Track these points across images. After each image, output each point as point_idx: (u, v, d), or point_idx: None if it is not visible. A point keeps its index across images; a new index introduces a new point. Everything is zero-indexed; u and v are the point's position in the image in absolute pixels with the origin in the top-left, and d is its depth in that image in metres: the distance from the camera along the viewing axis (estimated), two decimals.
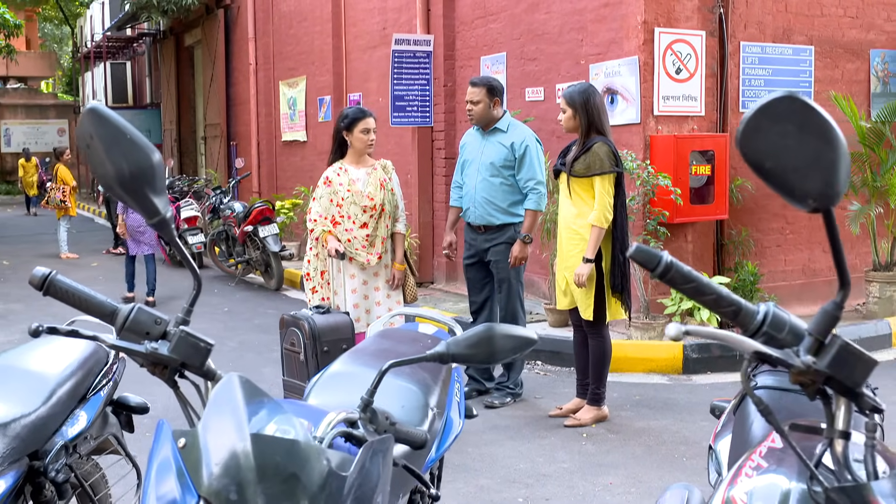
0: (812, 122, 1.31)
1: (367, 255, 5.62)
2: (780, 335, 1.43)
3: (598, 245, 5.27)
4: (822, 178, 1.33)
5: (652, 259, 1.49)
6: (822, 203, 1.36)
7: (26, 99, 32.04)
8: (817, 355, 1.40)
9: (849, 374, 1.39)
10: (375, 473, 1.66)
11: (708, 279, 1.51)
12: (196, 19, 19.01)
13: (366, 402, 1.92)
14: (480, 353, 1.94)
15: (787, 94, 1.31)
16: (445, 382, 2.82)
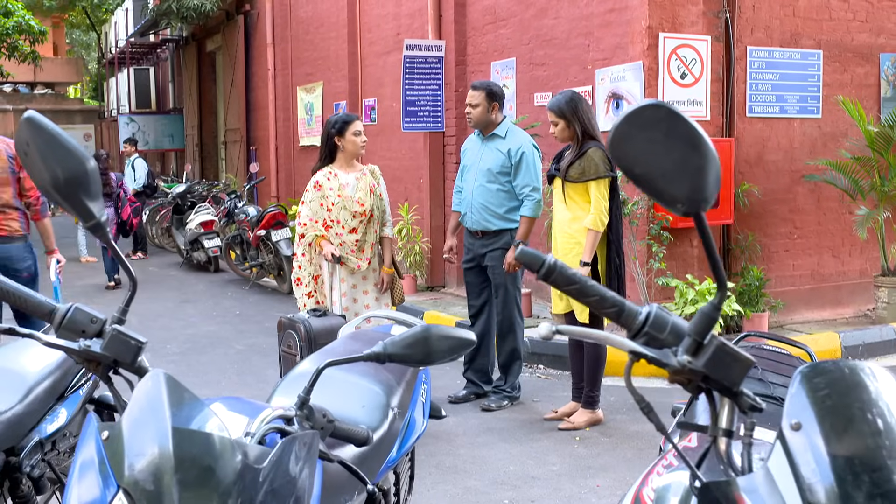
0: (678, 129, 1.35)
1: (358, 261, 5.70)
2: (661, 335, 1.47)
3: (594, 249, 5.31)
4: (689, 184, 1.37)
5: (535, 261, 1.54)
6: (691, 207, 1.39)
7: (53, 104, 32.43)
8: (696, 355, 1.43)
9: (725, 374, 1.43)
10: (295, 467, 1.71)
11: (592, 282, 1.55)
12: (217, 25, 19.21)
13: (302, 399, 1.98)
14: (417, 354, 1.98)
15: (653, 103, 1.35)
16: (410, 384, 2.87)
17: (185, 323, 9.28)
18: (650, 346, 1.47)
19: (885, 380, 1.40)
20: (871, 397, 1.35)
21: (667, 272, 7.47)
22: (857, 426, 1.31)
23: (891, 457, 1.26)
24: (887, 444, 1.28)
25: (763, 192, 8.28)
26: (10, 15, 19.31)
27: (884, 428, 1.30)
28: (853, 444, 1.28)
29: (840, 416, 1.32)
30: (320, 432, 2.01)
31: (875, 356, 7.27)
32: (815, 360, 2.70)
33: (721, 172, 1.39)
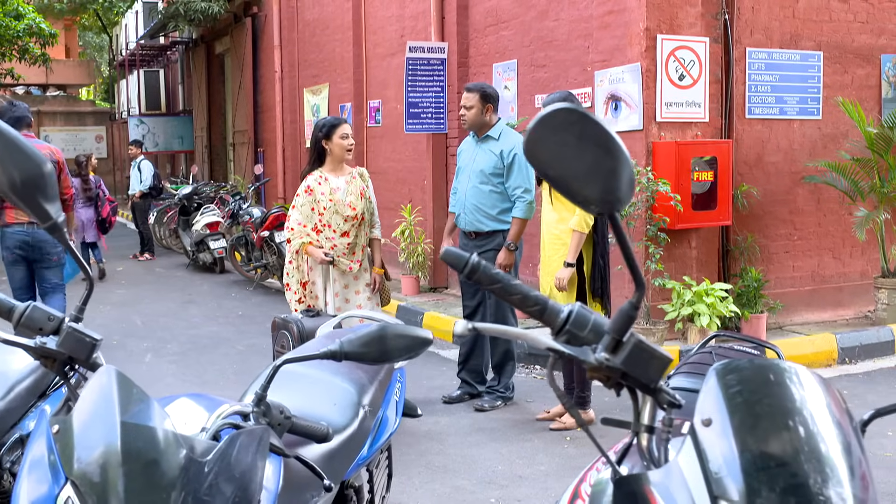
0: (591, 132, 1.38)
1: (350, 263, 5.75)
2: (582, 333, 1.50)
3: (578, 249, 5.34)
4: (602, 185, 1.40)
5: (459, 261, 1.57)
6: (604, 208, 1.42)
7: (65, 106, 32.62)
8: (614, 353, 1.46)
9: (643, 371, 1.46)
10: (243, 461, 1.75)
11: (515, 281, 1.58)
12: (225, 28, 19.31)
13: (259, 396, 2.02)
14: (373, 352, 2.02)
15: (565, 107, 1.38)
16: (383, 382, 2.91)
17: (187, 323, 9.35)
18: (571, 343, 1.51)
19: (805, 379, 1.43)
20: (783, 395, 1.38)
21: (664, 273, 7.48)
22: (765, 422, 1.33)
23: (797, 452, 1.29)
24: (794, 440, 1.31)
25: (763, 194, 8.28)
26: (20, 18, 19.44)
27: (792, 425, 1.33)
28: (761, 439, 1.31)
29: (750, 412, 1.35)
30: (277, 428, 2.05)
31: (872, 357, 7.27)
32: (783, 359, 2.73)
33: (630, 174, 1.41)
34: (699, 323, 7.12)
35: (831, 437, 1.33)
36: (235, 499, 1.69)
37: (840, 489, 1.26)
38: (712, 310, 7.11)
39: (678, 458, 1.35)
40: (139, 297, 11.23)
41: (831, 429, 1.35)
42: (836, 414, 1.39)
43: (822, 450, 1.30)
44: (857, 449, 1.37)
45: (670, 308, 7.31)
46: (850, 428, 1.40)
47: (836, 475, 1.28)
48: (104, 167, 31.85)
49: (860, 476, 1.31)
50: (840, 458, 1.31)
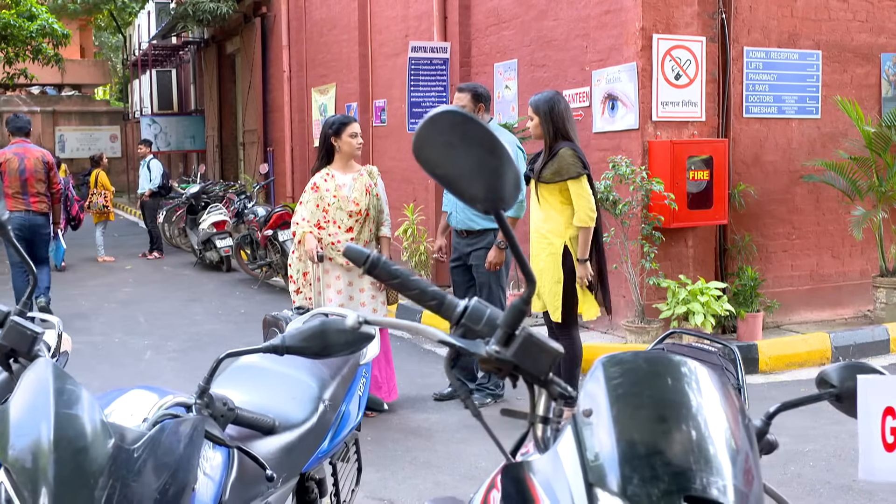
0: (474, 133, 1.43)
1: None
2: (477, 327, 1.55)
3: (588, 244, 5.39)
4: (486, 184, 1.45)
5: (360, 256, 1.64)
6: (490, 206, 1.47)
7: (80, 106, 32.89)
8: (506, 346, 1.51)
9: (533, 364, 1.50)
10: (174, 449, 1.81)
11: (414, 276, 1.64)
12: (236, 28, 19.44)
13: (202, 388, 2.08)
14: (314, 346, 2.08)
15: (449, 109, 1.43)
16: (346, 378, 2.96)
17: (189, 321, 9.44)
18: (468, 336, 1.56)
19: (694, 374, 1.47)
20: (665, 388, 1.42)
21: (659, 272, 7.51)
22: (644, 413, 1.38)
23: (675, 442, 1.33)
24: (673, 431, 1.35)
25: (761, 193, 8.29)
26: (34, 18, 19.63)
27: (672, 416, 1.37)
28: (638, 429, 1.35)
29: (629, 403, 1.40)
30: (220, 420, 2.11)
31: (867, 356, 7.26)
32: (738, 357, 2.77)
33: (515, 174, 1.46)
34: (693, 322, 7.14)
35: (716, 431, 1.37)
36: (166, 485, 1.76)
37: (720, 480, 1.30)
38: (706, 308, 7.13)
39: (557, 446, 1.40)
40: (145, 295, 11.34)
41: (717, 422, 1.39)
42: (724, 409, 1.43)
43: (703, 441, 1.34)
44: (745, 444, 1.41)
45: (665, 307, 7.33)
46: (739, 423, 1.44)
47: (717, 466, 1.32)
48: (118, 166, 32.11)
49: (744, 469, 1.35)
50: (723, 450, 1.35)
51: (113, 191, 15.03)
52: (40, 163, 9.15)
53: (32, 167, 9.09)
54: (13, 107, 31.52)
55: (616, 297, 7.99)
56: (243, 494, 2.30)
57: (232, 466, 2.27)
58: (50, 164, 9.23)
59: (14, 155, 9.07)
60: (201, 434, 1.95)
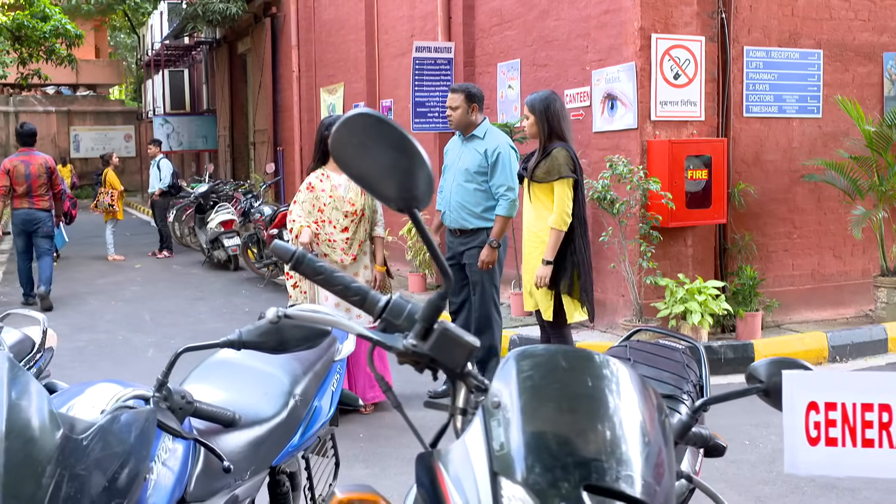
0: (386, 135, 1.47)
1: (342, 255, 5.85)
2: (397, 321, 1.60)
3: (556, 247, 5.41)
4: (398, 184, 1.49)
5: (286, 253, 1.70)
6: (403, 205, 1.52)
7: (95, 106, 33.14)
8: (424, 340, 1.56)
9: (449, 357, 1.55)
10: (124, 439, 1.87)
11: (338, 272, 1.69)
12: (247, 28, 19.55)
13: (160, 382, 2.14)
14: (270, 341, 2.13)
15: (362, 112, 1.48)
16: (319, 374, 3.01)
17: (194, 319, 9.52)
18: (388, 330, 1.61)
19: (609, 369, 1.51)
20: (574, 381, 1.46)
21: (656, 271, 7.53)
22: (550, 405, 1.42)
23: (578, 433, 1.37)
24: (580, 423, 1.39)
25: (761, 192, 8.29)
26: (47, 19, 19.81)
27: (580, 408, 1.41)
28: (544, 420, 1.40)
29: (536, 395, 1.44)
30: (178, 412, 2.16)
31: (864, 356, 7.27)
32: (703, 354, 2.80)
33: (427, 175, 1.51)
34: (691, 321, 7.16)
35: (626, 424, 1.41)
36: (115, 474, 1.81)
37: (626, 471, 1.34)
38: (704, 308, 7.14)
39: (465, 436, 1.44)
40: (152, 293, 11.44)
41: (628, 417, 1.43)
42: (637, 404, 1.47)
43: (610, 434, 1.38)
44: (659, 438, 1.45)
45: (663, 306, 7.36)
46: (655, 419, 1.48)
47: (623, 458, 1.35)
48: (133, 166, 32.35)
49: (655, 463, 1.39)
50: (632, 443, 1.39)
51: (122, 190, 15.13)
52: (43, 168, 10.49)
53: (36, 172, 10.44)
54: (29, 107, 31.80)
55: (615, 297, 8.04)
56: (209, 486, 2.36)
57: (197, 459, 2.33)
58: (51, 167, 10.62)
59: (21, 162, 10.46)
60: (153, 425, 2.00)
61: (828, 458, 1.66)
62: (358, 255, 5.92)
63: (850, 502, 4.32)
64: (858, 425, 1.65)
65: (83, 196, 27.45)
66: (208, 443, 2.34)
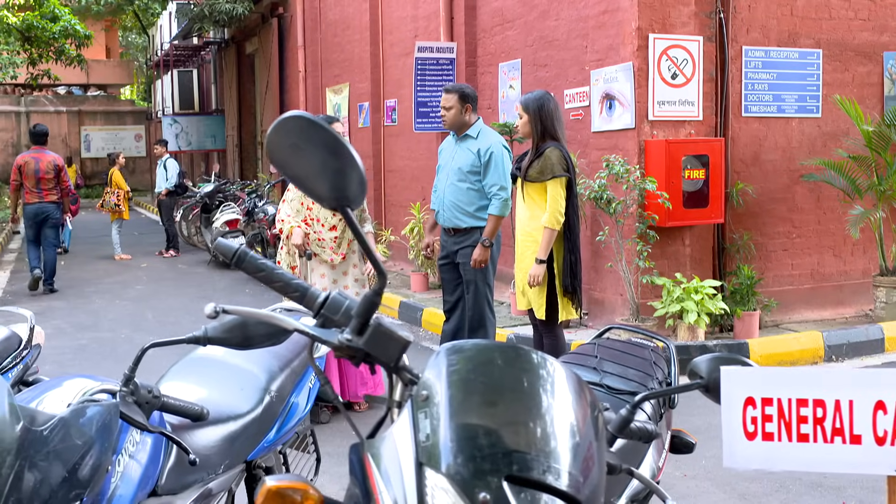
0: (317, 137, 1.52)
1: (333, 254, 5.90)
2: (335, 317, 1.65)
3: (549, 246, 5.45)
4: (330, 183, 1.54)
5: (228, 250, 1.75)
6: (335, 204, 1.56)
7: (105, 106, 33.32)
8: (360, 335, 1.61)
9: (383, 351, 1.60)
10: (84, 431, 1.92)
11: (279, 269, 1.73)
12: (254, 28, 19.63)
13: (127, 377, 2.19)
14: (235, 337, 2.18)
15: (293, 115, 1.53)
16: (296, 370, 3.06)
17: (196, 318, 9.58)
18: (327, 325, 1.65)
19: (541, 365, 1.54)
20: (502, 375, 1.50)
21: (653, 270, 7.55)
22: (475, 398, 1.46)
23: (501, 425, 1.41)
24: (500, 414, 1.43)
25: (760, 192, 8.30)
26: (56, 20, 19.96)
27: (502, 401, 1.45)
28: (468, 413, 1.44)
29: (463, 388, 1.48)
30: (145, 406, 2.22)
31: (860, 355, 7.27)
32: (673, 353, 2.84)
33: (359, 175, 1.55)
34: (687, 320, 7.18)
35: (555, 418, 1.45)
36: (76, 465, 1.87)
37: (553, 464, 1.37)
38: (700, 307, 7.16)
39: (393, 427, 1.48)
40: (156, 292, 11.52)
41: (557, 411, 1.47)
42: (568, 399, 1.51)
43: (537, 427, 1.42)
44: (590, 433, 1.48)
45: (659, 305, 7.37)
46: (587, 414, 1.51)
47: (551, 451, 1.39)
48: (143, 165, 32.52)
49: (583, 457, 1.43)
50: (562, 437, 1.42)
51: (128, 190, 15.22)
52: (51, 165, 11.41)
53: (45, 168, 11.35)
54: (40, 107, 32.00)
55: (613, 296, 8.06)
56: (181, 479, 2.41)
57: (169, 453, 2.38)
58: (60, 166, 11.53)
59: (31, 159, 11.42)
60: (115, 418, 2.05)
61: (765, 452, 1.70)
62: (347, 254, 5.97)
63: (834, 500, 4.34)
64: (794, 420, 1.69)
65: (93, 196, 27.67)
66: (178, 437, 2.39)
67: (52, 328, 9.23)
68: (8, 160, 29.31)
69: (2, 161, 29.95)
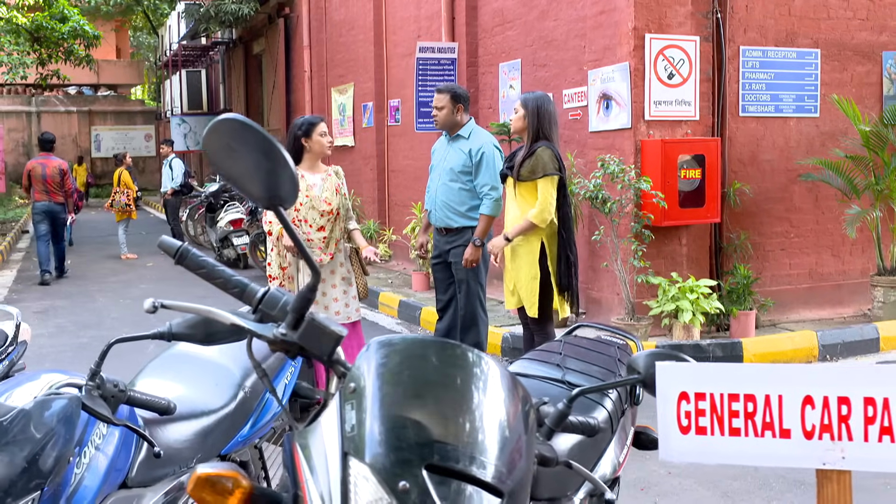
0: (250, 139, 1.57)
1: (322, 254, 5.94)
2: (273, 312, 1.70)
3: (523, 231, 5.55)
4: (262, 184, 1.59)
5: (171, 248, 1.80)
6: (268, 203, 1.61)
7: (115, 106, 33.50)
8: (295, 329, 1.66)
9: (316, 345, 1.65)
10: (45, 422, 1.98)
11: (220, 266, 1.78)
12: (261, 28, 19.72)
13: (93, 371, 2.24)
14: (199, 334, 2.22)
15: (226, 117, 1.57)
16: (271, 367, 3.09)
17: None
18: (264, 320, 1.70)
19: (473, 361, 1.58)
20: (429, 369, 1.54)
21: (649, 270, 7.57)
22: (400, 390, 1.51)
23: (424, 417, 1.45)
24: (424, 406, 1.47)
25: (757, 192, 8.31)
26: (65, 20, 20.07)
27: (427, 394, 1.50)
28: (393, 404, 1.48)
29: (389, 381, 1.52)
30: (111, 400, 2.27)
31: (855, 355, 7.27)
32: (641, 349, 2.87)
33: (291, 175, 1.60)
34: (682, 319, 7.20)
35: (485, 412, 1.49)
36: (36, 455, 1.92)
37: (479, 456, 1.41)
38: (695, 306, 7.18)
39: (321, 418, 1.53)
40: (160, 291, 11.60)
41: (485, 405, 1.51)
42: (497, 394, 1.55)
43: (465, 420, 1.46)
44: (519, 426, 1.53)
45: (655, 304, 7.40)
46: (517, 409, 1.56)
47: (473, 442, 1.43)
48: (152, 165, 32.66)
49: (510, 450, 1.47)
50: (489, 430, 1.46)
51: (136, 189, 15.32)
52: (57, 170, 12.60)
53: (51, 173, 12.56)
54: (50, 107, 32.19)
55: (610, 295, 8.09)
56: (152, 472, 2.46)
57: (141, 446, 2.43)
58: (64, 170, 12.74)
59: (39, 164, 12.66)
60: (78, 411, 2.11)
61: (699, 446, 1.73)
62: (335, 254, 6.00)
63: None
64: (726, 415, 1.72)
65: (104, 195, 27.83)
66: (150, 431, 2.44)
67: (55, 326, 9.33)
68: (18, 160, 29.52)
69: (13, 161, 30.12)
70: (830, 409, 1.72)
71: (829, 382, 1.74)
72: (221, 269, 1.79)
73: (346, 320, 5.85)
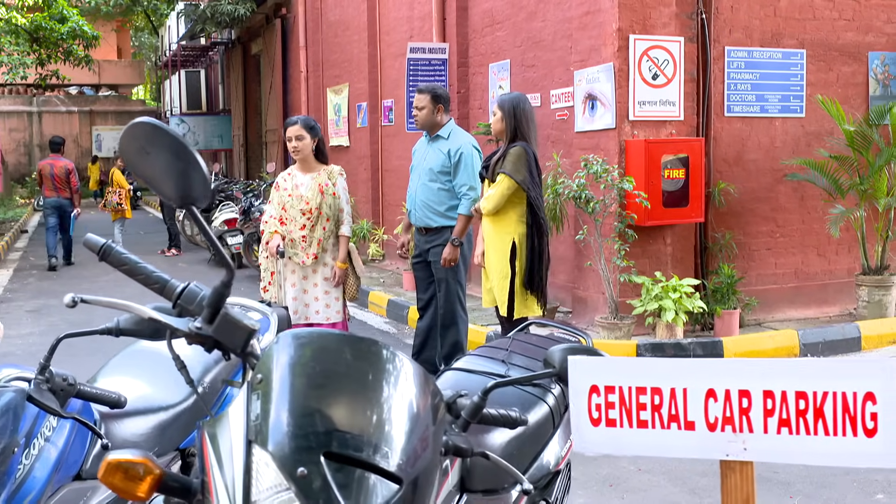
0: (162, 140, 1.63)
1: (304, 255, 5.99)
2: (191, 307, 1.78)
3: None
4: (175, 184, 1.65)
5: (95, 246, 1.87)
6: (181, 203, 1.68)
7: (116, 106, 33.61)
8: (210, 323, 1.72)
9: (230, 338, 1.73)
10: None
11: (142, 263, 1.85)
12: (259, 29, 19.80)
13: (42, 365, 2.31)
14: (146, 329, 2.29)
15: (139, 120, 1.64)
16: (233, 363, 3.15)
17: None
18: (183, 315, 1.77)
19: (381, 355, 1.64)
20: (334, 361, 1.60)
21: (632, 269, 7.62)
22: (304, 381, 1.57)
23: (326, 407, 1.51)
24: (327, 397, 1.53)
25: (742, 191, 8.35)
26: (64, 21, 20.16)
27: (331, 385, 1.55)
28: (296, 394, 1.54)
29: (294, 372, 1.58)
30: (59, 394, 2.33)
31: (836, 353, 7.32)
32: (591, 346, 2.93)
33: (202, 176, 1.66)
34: (665, 318, 7.25)
35: (392, 404, 1.55)
36: None
37: (381, 444, 1.47)
38: (678, 305, 7.23)
39: (229, 408, 1.59)
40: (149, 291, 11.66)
41: (390, 396, 1.57)
42: (404, 386, 1.61)
43: (368, 410, 1.52)
44: (427, 417, 1.58)
45: (638, 303, 7.44)
46: (425, 402, 1.61)
47: (379, 432, 1.49)
48: None
49: (414, 441, 1.52)
50: (394, 420, 1.52)
51: (129, 189, 15.39)
52: (63, 170, 14.20)
53: (58, 172, 14.15)
54: (51, 107, 32.29)
55: (595, 294, 8.14)
56: None
57: (95, 439, 2.50)
58: (70, 170, 14.30)
59: (48, 164, 14.33)
60: (23, 403, 2.17)
61: (609, 438, 1.79)
62: (319, 255, 6.02)
63: (781, 494, 4.41)
64: (634, 407, 1.77)
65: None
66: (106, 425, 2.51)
67: (47, 325, 9.41)
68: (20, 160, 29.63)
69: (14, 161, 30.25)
70: (732, 402, 1.77)
71: (730, 375, 1.79)
72: (143, 266, 1.86)
73: (325, 321, 5.92)
